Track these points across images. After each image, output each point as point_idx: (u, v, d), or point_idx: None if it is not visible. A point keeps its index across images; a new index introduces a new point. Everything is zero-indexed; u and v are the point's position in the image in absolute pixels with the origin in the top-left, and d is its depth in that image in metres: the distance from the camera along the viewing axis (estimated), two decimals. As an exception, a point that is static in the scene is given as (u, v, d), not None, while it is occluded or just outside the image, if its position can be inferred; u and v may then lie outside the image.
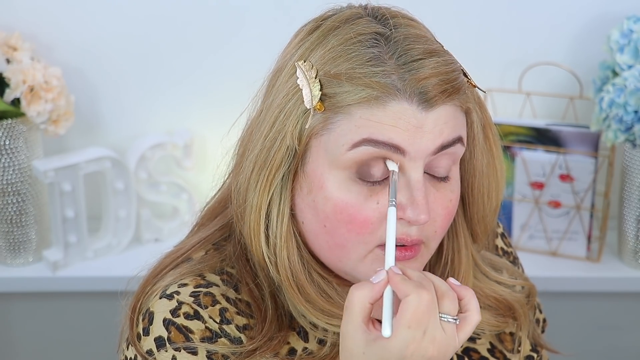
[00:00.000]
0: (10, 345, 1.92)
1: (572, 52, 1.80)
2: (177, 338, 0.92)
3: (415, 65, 0.88)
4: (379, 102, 0.87)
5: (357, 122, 0.87)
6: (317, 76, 0.89)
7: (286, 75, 0.92)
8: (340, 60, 0.89)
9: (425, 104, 0.88)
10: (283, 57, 0.95)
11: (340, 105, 0.88)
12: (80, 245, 1.76)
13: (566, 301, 1.86)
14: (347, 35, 0.90)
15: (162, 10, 1.78)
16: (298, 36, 0.95)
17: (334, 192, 0.90)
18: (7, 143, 1.69)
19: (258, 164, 0.92)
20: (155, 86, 1.82)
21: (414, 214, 0.89)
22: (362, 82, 0.87)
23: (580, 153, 1.71)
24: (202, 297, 0.94)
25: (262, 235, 0.93)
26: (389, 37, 0.89)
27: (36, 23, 1.76)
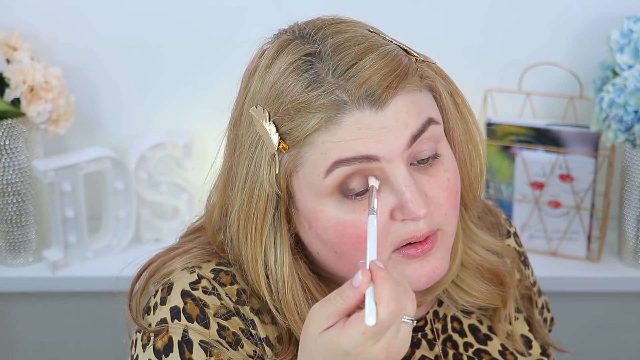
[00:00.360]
0: (10, 345, 1.92)
1: (572, 52, 1.80)
2: (192, 310, 0.93)
3: (351, 72, 0.87)
4: (333, 122, 0.86)
5: (322, 149, 0.87)
6: (270, 118, 0.89)
7: (244, 125, 0.92)
8: (282, 97, 0.88)
9: (377, 104, 0.86)
10: (237, 105, 0.96)
11: (300, 139, 0.88)
12: (80, 245, 1.76)
13: (566, 301, 1.85)
14: (281, 68, 0.89)
15: (162, 10, 1.78)
16: (243, 81, 0.96)
17: (329, 219, 0.89)
18: (7, 143, 1.69)
19: (242, 218, 0.93)
20: (155, 86, 1.82)
21: (412, 211, 0.87)
22: (309, 109, 0.87)
23: (580, 153, 1.71)
24: (222, 275, 0.95)
25: (264, 284, 0.93)
26: (319, 53, 0.88)
27: (36, 23, 1.76)
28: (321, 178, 0.88)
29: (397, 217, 0.89)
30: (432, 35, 1.75)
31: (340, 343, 0.78)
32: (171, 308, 0.93)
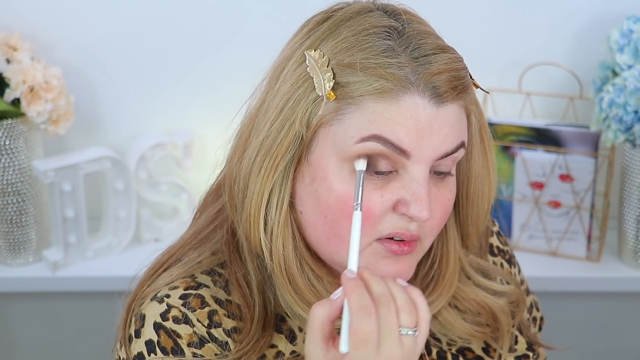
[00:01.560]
0: (10, 345, 1.92)
1: (572, 52, 1.80)
2: (166, 343, 0.92)
3: (428, 60, 0.88)
4: (392, 95, 0.87)
5: (370, 116, 0.87)
6: (329, 65, 0.89)
7: (294, 64, 0.92)
8: (354, 50, 0.88)
9: (437, 99, 0.88)
10: (290, 47, 0.95)
11: (353, 96, 0.88)
12: (80, 245, 1.76)
13: (566, 301, 1.86)
14: (361, 26, 0.90)
15: (163, 10, 1.78)
16: (306, 27, 0.95)
17: (337, 184, 0.90)
18: (7, 143, 1.69)
19: (263, 150, 0.92)
20: (155, 86, 1.82)
21: (417, 211, 0.89)
22: (377, 72, 0.87)
23: (580, 153, 1.71)
24: (192, 300, 0.95)
25: (261, 222, 0.93)
26: (402, 31, 0.90)
27: (36, 23, 1.76)
28: (353, 142, 0.88)
29: (397, 210, 0.90)
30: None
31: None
32: (146, 342, 0.93)
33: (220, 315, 0.95)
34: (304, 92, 0.90)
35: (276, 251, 0.93)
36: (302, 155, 0.92)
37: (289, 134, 0.90)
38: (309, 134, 0.90)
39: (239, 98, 1.02)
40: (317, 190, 0.91)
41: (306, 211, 0.93)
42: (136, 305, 0.97)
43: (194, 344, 0.92)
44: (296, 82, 0.91)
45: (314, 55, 0.90)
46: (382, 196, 0.90)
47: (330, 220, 0.91)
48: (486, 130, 0.98)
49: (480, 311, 1.05)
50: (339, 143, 0.89)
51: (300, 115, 0.90)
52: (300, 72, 0.91)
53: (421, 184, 0.89)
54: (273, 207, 0.92)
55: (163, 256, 1.02)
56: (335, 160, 0.90)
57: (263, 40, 1.72)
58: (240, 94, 1.02)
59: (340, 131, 0.89)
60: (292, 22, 0.98)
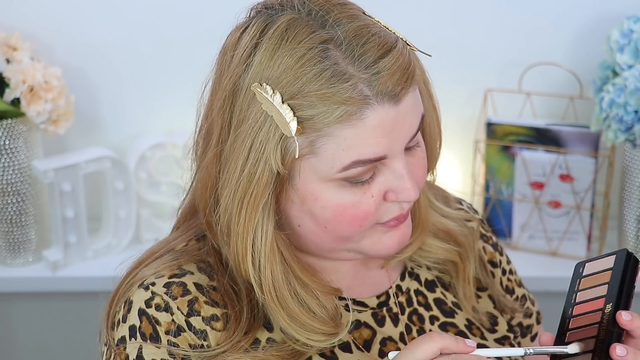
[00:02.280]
0: (10, 345, 1.92)
1: (572, 52, 1.80)
2: (146, 328, 0.95)
3: (377, 68, 0.88)
4: (356, 116, 0.88)
5: (344, 145, 0.89)
6: (284, 101, 0.88)
7: (245, 101, 0.91)
8: (303, 81, 0.88)
9: (394, 100, 0.89)
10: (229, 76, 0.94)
11: (319, 127, 0.88)
12: (80, 245, 1.76)
13: (566, 301, 1.85)
14: (297, 52, 0.88)
15: (163, 10, 1.78)
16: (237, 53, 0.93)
17: (330, 200, 0.92)
18: (7, 143, 1.69)
19: (239, 192, 0.92)
20: (155, 86, 1.82)
21: (406, 197, 0.93)
22: (335, 100, 0.87)
23: (580, 153, 1.71)
24: (174, 288, 0.96)
25: (249, 257, 0.94)
26: (337, 40, 0.88)
27: (36, 23, 1.76)
28: (335, 170, 0.90)
29: (389, 198, 0.93)
30: (432, 35, 1.75)
31: None
32: (130, 327, 0.95)
33: (200, 303, 0.96)
34: (267, 132, 0.89)
35: (265, 281, 0.94)
36: (285, 185, 0.92)
37: (265, 172, 0.91)
38: (287, 169, 0.91)
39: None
40: (311, 210, 0.93)
41: (304, 225, 0.95)
42: (123, 293, 0.99)
43: (171, 332, 0.94)
44: (255, 121, 0.90)
45: (263, 91, 0.89)
46: (372, 195, 0.92)
47: (331, 229, 0.94)
48: (425, 72, 0.98)
49: (445, 237, 1.09)
50: (321, 172, 0.91)
51: (273, 154, 0.90)
52: (256, 110, 0.90)
53: (402, 172, 0.92)
54: (259, 241, 0.94)
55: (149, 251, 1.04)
56: (320, 183, 0.91)
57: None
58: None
59: (319, 162, 0.90)
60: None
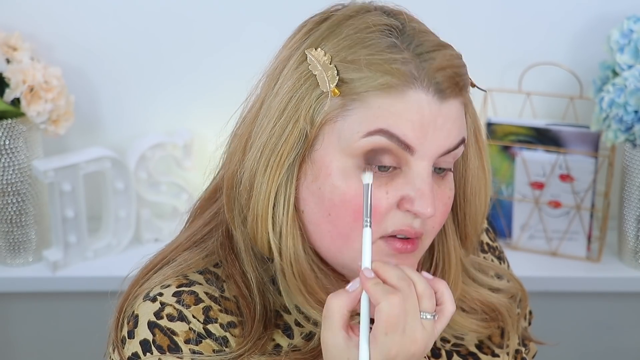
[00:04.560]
0: (10, 345, 1.92)
1: (572, 52, 1.80)
2: (162, 341, 0.92)
3: (431, 55, 0.89)
4: (397, 91, 0.88)
5: (376, 111, 0.88)
6: (332, 62, 0.89)
7: (295, 63, 0.92)
8: (357, 48, 0.89)
9: (440, 95, 0.89)
10: (288, 47, 0.95)
11: (358, 92, 0.88)
12: (80, 245, 1.76)
13: (566, 301, 1.86)
14: (362, 24, 0.90)
15: (163, 10, 1.78)
16: (304, 28, 0.95)
17: (342, 180, 0.90)
18: (7, 143, 1.69)
19: (267, 149, 0.92)
20: (155, 86, 1.82)
21: (421, 207, 0.89)
22: (382, 68, 0.88)
23: (580, 153, 1.71)
24: (185, 297, 0.94)
25: (270, 221, 0.93)
26: (402, 29, 0.90)
27: (36, 23, 1.76)
28: (359, 136, 0.88)
29: (402, 207, 0.90)
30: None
31: (375, 356, 0.83)
32: (141, 342, 0.92)
33: (215, 311, 0.94)
34: (307, 90, 0.90)
35: (286, 250, 0.93)
36: (306, 154, 0.92)
37: (293, 131, 0.91)
38: (313, 131, 0.90)
39: (239, 98, 1.02)
40: (320, 188, 0.91)
41: (309, 210, 0.93)
42: (128, 306, 0.97)
43: (191, 341, 0.92)
44: (298, 80, 0.91)
45: (315, 53, 0.90)
46: (387, 192, 0.90)
47: (334, 218, 0.91)
48: (480, 130, 0.99)
49: (484, 309, 1.05)
50: (345, 139, 0.89)
51: (305, 113, 0.90)
52: (302, 70, 0.91)
53: (425, 180, 0.89)
54: (280, 206, 0.92)
55: (156, 258, 1.02)
56: (340, 156, 0.90)
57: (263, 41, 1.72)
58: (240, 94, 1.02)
59: (345, 127, 0.89)
60: (293, 23, 0.98)
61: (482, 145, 0.99)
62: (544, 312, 1.26)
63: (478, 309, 1.05)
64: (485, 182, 1.00)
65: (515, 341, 1.07)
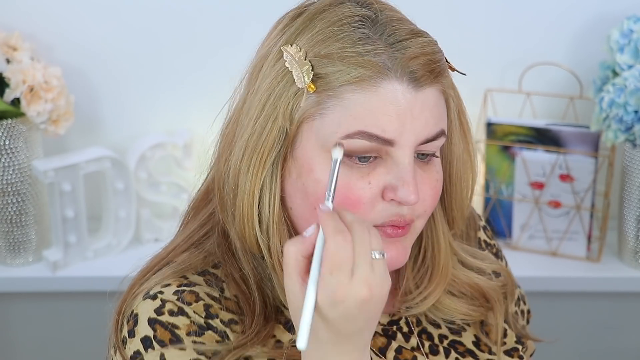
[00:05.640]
0: (10, 345, 1.92)
1: (572, 52, 1.80)
2: (163, 335, 0.92)
3: (404, 44, 0.89)
4: (370, 83, 0.88)
5: (352, 111, 0.88)
6: (307, 57, 0.90)
7: (272, 60, 0.93)
8: (330, 41, 0.89)
9: (415, 83, 0.89)
10: (266, 45, 0.96)
11: (332, 87, 0.89)
12: (80, 245, 1.76)
13: (566, 301, 1.85)
14: (334, 17, 0.91)
15: (163, 11, 1.78)
16: (280, 24, 0.96)
17: (324, 175, 0.90)
18: (7, 143, 1.69)
19: (249, 148, 0.93)
20: (155, 86, 1.82)
21: (404, 195, 0.90)
22: (354, 60, 0.88)
23: (580, 153, 1.71)
24: (186, 295, 0.94)
25: (256, 219, 0.93)
26: (375, 19, 0.91)
27: (36, 23, 1.76)
28: (338, 137, 0.89)
29: (386, 197, 0.91)
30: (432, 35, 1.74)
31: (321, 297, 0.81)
32: (142, 339, 0.93)
33: (215, 309, 0.95)
34: (284, 87, 0.91)
35: (274, 248, 0.94)
36: (288, 152, 0.92)
37: (273, 129, 0.91)
38: (293, 129, 0.91)
39: (239, 98, 1.02)
40: (304, 184, 0.92)
41: (296, 207, 0.94)
42: (127, 307, 0.97)
43: (193, 333, 0.92)
44: (275, 77, 0.92)
45: (290, 50, 0.91)
46: (370, 183, 0.91)
47: None
48: (464, 114, 0.99)
49: (473, 294, 1.06)
50: (323, 137, 0.90)
51: (283, 110, 0.91)
52: (279, 67, 0.92)
53: (406, 168, 0.90)
54: (266, 204, 0.93)
55: (153, 260, 1.02)
56: (320, 152, 0.91)
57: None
58: (240, 94, 1.02)
59: (323, 125, 0.90)
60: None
61: (466, 128, 0.99)
62: (544, 312, 1.26)
63: (467, 293, 1.06)
64: (471, 164, 1.01)
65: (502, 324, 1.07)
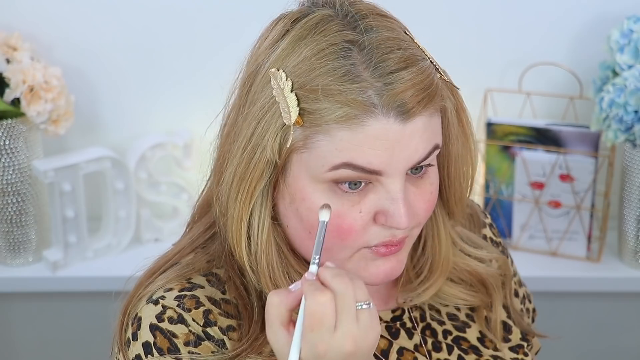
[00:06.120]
0: (10, 345, 1.92)
1: (572, 52, 1.80)
2: (162, 343, 0.93)
3: (391, 78, 0.87)
4: (357, 121, 0.87)
5: (338, 145, 0.88)
6: (293, 89, 0.88)
7: (261, 84, 0.92)
8: (315, 74, 0.88)
9: (403, 117, 0.87)
10: (255, 59, 0.95)
11: (319, 123, 0.88)
12: (80, 245, 1.76)
13: (566, 301, 1.86)
14: (319, 45, 0.89)
15: (163, 11, 1.78)
16: (267, 38, 0.95)
17: (317, 204, 0.90)
18: (7, 143, 1.69)
19: (237, 176, 0.93)
20: (155, 86, 1.82)
21: (395, 223, 0.90)
22: (340, 99, 0.87)
23: (580, 153, 1.71)
24: (186, 301, 0.95)
25: (244, 244, 0.94)
26: (362, 44, 0.88)
27: (36, 23, 1.76)
28: (325, 169, 0.89)
29: (378, 221, 0.91)
30: (432, 35, 1.74)
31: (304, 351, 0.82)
32: (143, 344, 0.94)
33: (215, 315, 0.95)
34: (271, 117, 0.90)
35: (261, 270, 0.94)
36: (279, 178, 0.93)
37: (261, 160, 0.91)
38: (281, 161, 0.91)
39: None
40: (298, 210, 0.92)
41: (292, 226, 0.94)
42: (132, 309, 0.98)
43: (190, 343, 0.93)
44: (263, 105, 0.91)
45: (278, 76, 0.90)
46: (361, 211, 0.90)
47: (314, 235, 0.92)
48: (463, 109, 0.97)
49: (472, 280, 1.07)
50: (312, 169, 0.90)
51: (271, 143, 0.90)
52: (267, 94, 0.91)
53: (396, 196, 0.89)
54: (255, 229, 0.94)
55: (159, 260, 1.03)
56: (310, 182, 0.90)
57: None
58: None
59: (311, 159, 0.89)
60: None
61: (465, 123, 0.98)
62: (543, 312, 1.26)
63: (466, 279, 1.07)
64: (470, 160, 1.00)
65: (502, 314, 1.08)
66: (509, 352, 1.07)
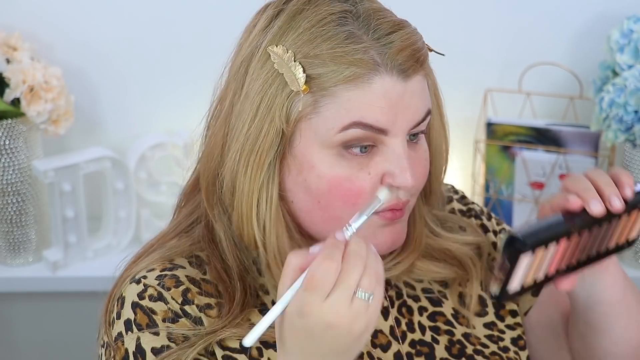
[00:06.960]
0: (10, 345, 1.92)
1: (572, 52, 1.80)
2: (142, 320, 0.96)
3: (389, 39, 0.92)
4: (363, 80, 0.90)
5: (346, 105, 0.91)
6: (296, 59, 0.91)
7: (259, 62, 0.94)
8: (317, 42, 0.91)
9: (404, 75, 0.92)
10: (247, 45, 0.98)
11: (326, 87, 0.91)
12: (80, 245, 1.76)
13: (566, 301, 1.85)
14: (317, 16, 0.92)
15: (163, 11, 1.78)
16: (259, 23, 0.97)
17: (326, 170, 0.93)
18: (7, 143, 1.69)
19: (245, 152, 0.95)
20: (155, 86, 1.82)
21: (402, 181, 0.93)
22: (346, 60, 0.90)
23: (580, 153, 1.71)
24: (167, 280, 0.98)
25: (254, 219, 0.96)
26: (356, 13, 0.93)
27: (36, 23, 1.76)
28: (335, 132, 0.91)
29: (385, 182, 0.94)
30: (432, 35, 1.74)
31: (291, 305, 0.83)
32: (125, 321, 0.96)
33: (193, 293, 0.97)
34: (276, 89, 0.93)
35: (270, 245, 0.96)
36: (286, 150, 0.94)
37: (270, 130, 0.93)
38: (289, 129, 0.93)
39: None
40: (306, 180, 0.94)
41: (298, 200, 0.96)
42: (117, 291, 1.01)
43: (168, 320, 0.95)
44: (266, 80, 0.93)
45: (277, 50, 0.93)
46: (369, 173, 0.93)
47: (324, 204, 0.94)
48: (437, 88, 1.02)
49: (447, 259, 1.08)
50: (321, 134, 0.92)
51: (279, 112, 0.92)
52: (268, 69, 0.93)
53: (402, 155, 0.93)
54: (263, 204, 0.95)
55: (145, 246, 1.06)
56: (320, 149, 0.93)
57: None
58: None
59: (320, 123, 0.92)
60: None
61: (439, 102, 1.02)
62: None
63: (440, 257, 1.08)
64: (445, 137, 1.03)
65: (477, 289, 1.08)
66: (483, 328, 1.07)
